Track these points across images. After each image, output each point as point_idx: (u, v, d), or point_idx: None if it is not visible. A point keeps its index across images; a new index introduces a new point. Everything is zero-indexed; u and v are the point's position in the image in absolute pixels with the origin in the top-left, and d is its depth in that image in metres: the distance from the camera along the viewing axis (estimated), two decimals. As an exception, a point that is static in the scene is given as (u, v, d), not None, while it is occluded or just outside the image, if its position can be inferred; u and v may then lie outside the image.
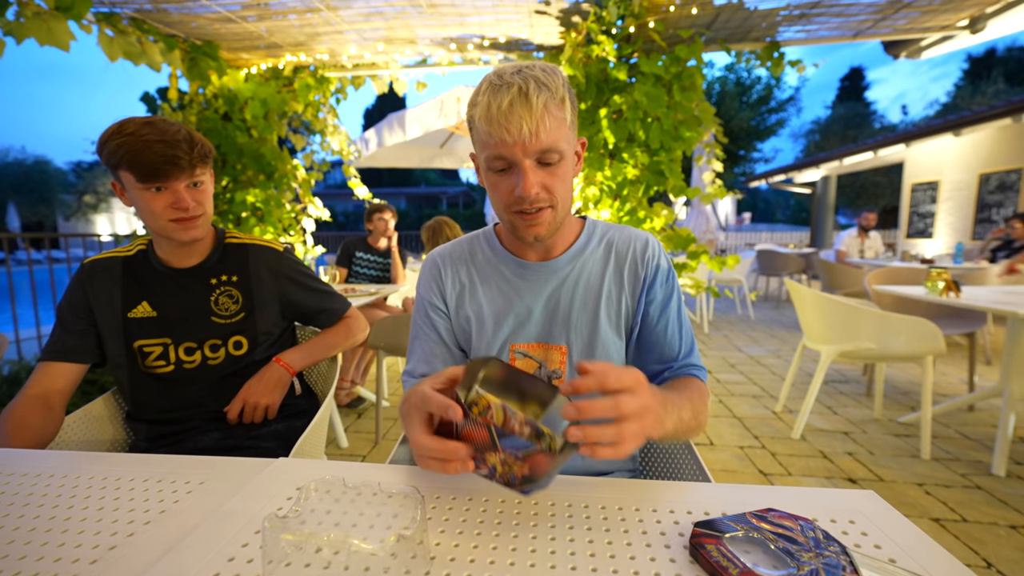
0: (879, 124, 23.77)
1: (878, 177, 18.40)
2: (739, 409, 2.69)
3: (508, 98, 0.63)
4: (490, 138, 0.66)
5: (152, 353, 1.00)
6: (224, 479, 0.61)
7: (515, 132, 0.64)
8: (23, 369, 2.58)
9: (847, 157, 7.98)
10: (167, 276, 1.03)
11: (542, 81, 0.65)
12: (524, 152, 0.66)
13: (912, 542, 0.47)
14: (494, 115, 0.64)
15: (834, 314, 2.21)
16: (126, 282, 1.02)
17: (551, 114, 0.65)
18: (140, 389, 1.01)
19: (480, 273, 0.83)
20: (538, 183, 0.68)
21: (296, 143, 3.77)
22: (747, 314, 5.71)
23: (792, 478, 1.95)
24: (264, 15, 2.67)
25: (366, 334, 1.26)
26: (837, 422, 2.49)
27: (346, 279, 3.22)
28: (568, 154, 0.70)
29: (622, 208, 2.85)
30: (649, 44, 2.82)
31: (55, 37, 2.00)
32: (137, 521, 0.53)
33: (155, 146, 0.88)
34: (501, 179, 0.70)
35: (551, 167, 0.68)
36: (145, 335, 1.00)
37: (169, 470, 0.64)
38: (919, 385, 3.02)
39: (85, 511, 0.55)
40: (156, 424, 1.01)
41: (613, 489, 0.59)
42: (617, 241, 0.82)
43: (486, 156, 0.69)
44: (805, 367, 3.40)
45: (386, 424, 2.53)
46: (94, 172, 26.69)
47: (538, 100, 0.63)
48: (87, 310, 1.00)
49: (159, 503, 0.56)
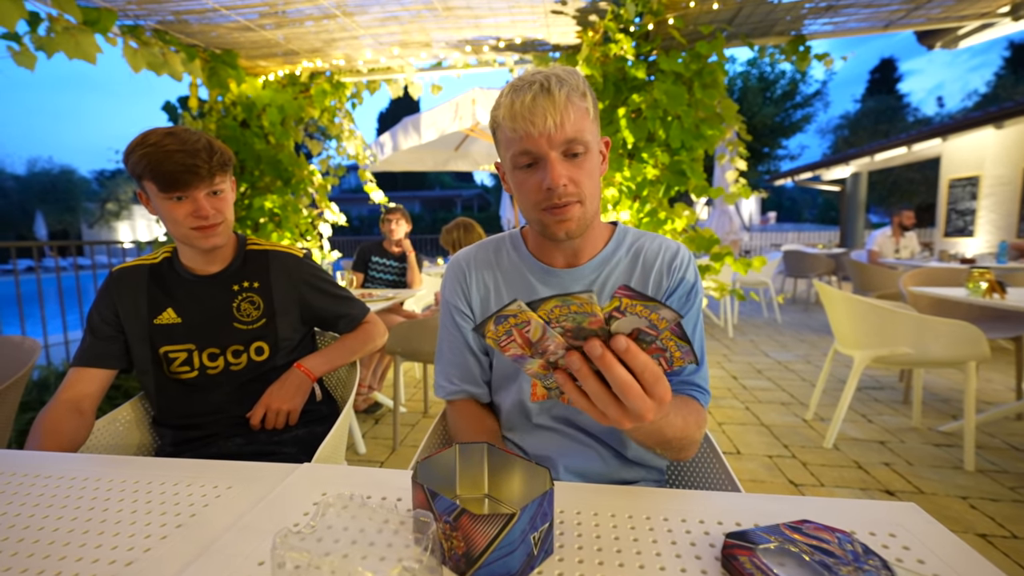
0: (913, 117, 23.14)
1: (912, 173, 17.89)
2: (767, 416, 2.64)
3: (531, 94, 0.66)
4: (515, 133, 0.68)
5: (177, 359, 1.03)
6: (249, 484, 0.63)
7: (540, 124, 0.66)
8: (52, 374, 2.68)
9: (879, 153, 7.77)
10: (191, 283, 1.06)
11: (562, 77, 0.68)
12: (550, 144, 0.67)
13: (959, 558, 0.46)
14: (518, 111, 0.67)
15: (868, 318, 2.16)
16: (152, 289, 1.05)
17: (574, 104, 0.67)
18: (165, 394, 1.05)
19: (505, 277, 0.84)
20: (565, 175, 0.69)
21: (312, 148, 3.84)
22: (774, 318, 5.60)
23: (825, 489, 1.90)
24: (281, 23, 2.74)
25: (385, 339, 1.28)
26: (872, 431, 2.42)
27: (362, 284, 3.27)
28: (593, 147, 0.71)
29: (642, 209, 2.83)
30: (668, 41, 2.80)
31: (83, 50, 2.09)
32: (169, 524, 0.55)
33: (175, 156, 0.92)
34: (528, 176, 0.71)
35: (577, 159, 0.69)
36: (170, 341, 1.03)
37: (196, 475, 0.66)
38: (961, 392, 2.91)
39: (119, 513, 0.57)
40: (181, 429, 1.05)
41: (640, 498, 0.58)
42: (647, 249, 0.81)
43: (512, 153, 0.71)
44: (837, 373, 3.32)
45: (403, 430, 2.55)
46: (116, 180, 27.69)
47: (560, 92, 0.66)
48: (115, 317, 1.04)
49: (189, 507, 0.58)
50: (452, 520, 0.44)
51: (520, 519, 0.43)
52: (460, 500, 0.57)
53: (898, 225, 5.13)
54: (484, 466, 0.58)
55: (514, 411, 0.84)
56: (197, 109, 3.24)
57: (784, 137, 21.38)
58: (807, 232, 15.57)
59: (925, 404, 2.71)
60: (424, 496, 0.47)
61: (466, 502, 0.57)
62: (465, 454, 0.58)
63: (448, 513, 0.45)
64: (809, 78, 20.77)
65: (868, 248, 5.26)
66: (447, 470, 0.57)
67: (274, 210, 3.44)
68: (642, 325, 0.44)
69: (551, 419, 0.82)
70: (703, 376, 0.78)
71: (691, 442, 0.66)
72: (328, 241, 3.89)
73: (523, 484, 0.55)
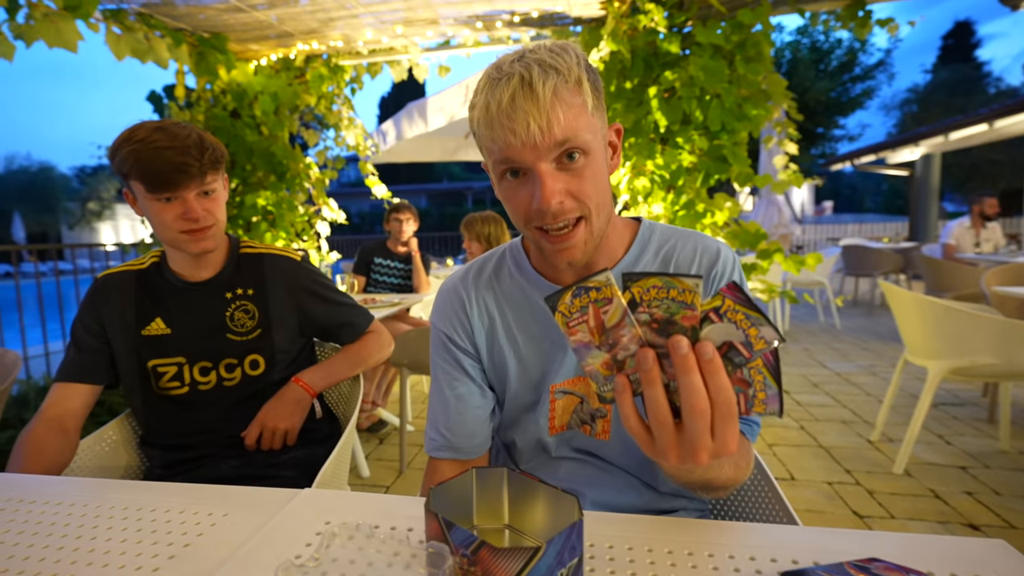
0: (995, 89, 22.50)
1: (994, 154, 17.38)
2: (826, 437, 2.59)
3: (509, 92, 0.59)
4: (493, 143, 0.63)
5: (166, 373, 1.06)
6: (247, 511, 0.65)
7: (522, 131, 0.60)
8: (31, 389, 2.78)
9: (954, 131, 7.56)
10: (181, 290, 1.10)
11: (548, 64, 0.60)
12: (537, 154, 0.61)
13: (1055, 602, 0.45)
14: (494, 115, 0.61)
15: (944, 322, 2.10)
16: (139, 298, 1.09)
17: (563, 101, 0.60)
18: (154, 412, 1.08)
19: (510, 303, 0.80)
20: (561, 190, 0.63)
21: (308, 139, 3.92)
22: (832, 323, 5.49)
23: (896, 522, 1.86)
24: (275, 2, 2.80)
25: (391, 350, 1.30)
26: (951, 454, 2.35)
27: (364, 288, 3.31)
28: (595, 146, 0.64)
29: (677, 201, 2.81)
30: (705, 10, 2.78)
31: (63, 38, 2.17)
32: (161, 555, 0.57)
33: (164, 153, 0.94)
34: (516, 188, 0.65)
35: (574, 166, 0.63)
36: (159, 354, 1.06)
37: (190, 500, 0.68)
38: (1056, 408, 2.82)
39: (108, 543, 0.59)
40: (171, 450, 1.08)
41: (681, 530, 0.58)
42: (679, 251, 0.76)
43: (493, 162, 0.66)
44: (908, 387, 3.23)
45: (411, 451, 2.57)
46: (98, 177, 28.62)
47: (544, 88, 0.59)
48: (100, 328, 1.08)
49: (182, 535, 0.60)
50: (470, 554, 0.45)
51: (546, 553, 0.43)
52: (478, 531, 0.58)
53: (978, 215, 5.01)
54: (504, 493, 0.58)
55: (530, 446, 0.83)
56: (184, 98, 3.33)
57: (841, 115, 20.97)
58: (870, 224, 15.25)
59: (1014, 423, 2.62)
60: (439, 526, 0.48)
61: (485, 533, 0.58)
62: (483, 480, 0.58)
63: (466, 545, 0.45)
64: (870, 47, 20.39)
65: (943, 242, 5.13)
66: (463, 498, 0.58)
67: (268, 208, 3.52)
68: (738, 339, 0.43)
69: (572, 450, 0.82)
70: None
71: (735, 485, 0.65)
72: (326, 241, 3.95)
73: (548, 514, 0.55)
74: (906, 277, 6.36)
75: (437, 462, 0.82)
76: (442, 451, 0.81)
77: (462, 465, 0.81)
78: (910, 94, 23.99)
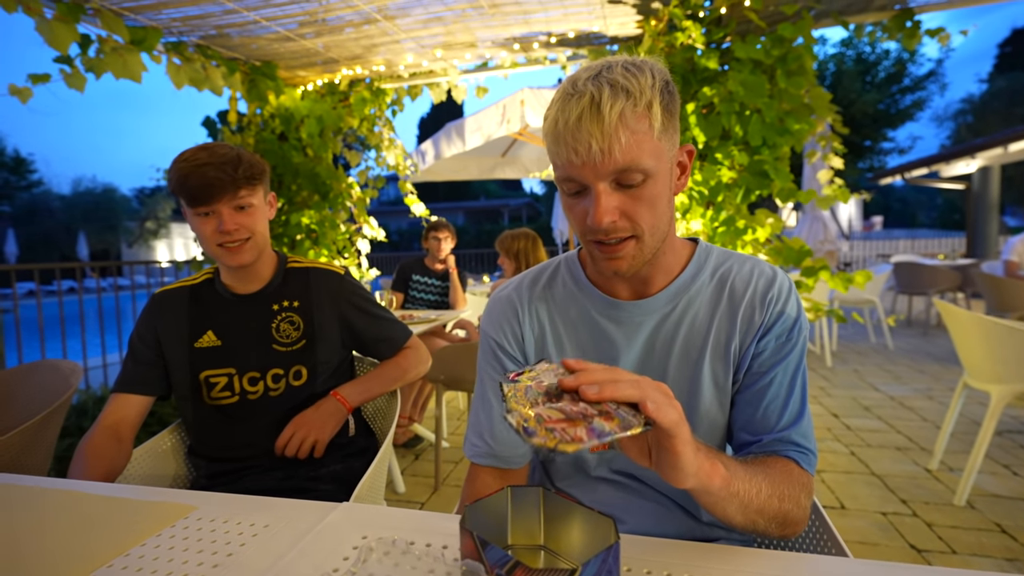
0: (1058, 97, 21.24)
1: (1060, 165, 16.33)
2: (879, 464, 2.45)
3: (577, 111, 0.61)
4: (558, 158, 0.65)
5: (218, 384, 1.11)
6: (287, 524, 0.66)
7: (583, 151, 0.61)
8: (90, 399, 2.93)
9: (1014, 142, 7.16)
10: (231, 303, 1.15)
11: (621, 85, 0.61)
12: (596, 174, 0.63)
13: None
14: (560, 132, 0.63)
15: (1006, 344, 1.98)
16: (192, 312, 1.14)
17: (628, 127, 0.61)
18: (203, 423, 1.12)
19: (562, 313, 0.81)
20: (614, 209, 0.64)
21: (351, 160, 4.05)
22: (884, 343, 5.23)
23: (958, 558, 1.73)
24: (321, 31, 2.94)
25: (428, 366, 1.32)
26: (1019, 486, 2.19)
27: (402, 304, 3.37)
28: (658, 171, 0.65)
29: (716, 217, 2.75)
30: (744, 25, 2.75)
31: (130, 69, 2.34)
32: (206, 564, 0.58)
33: (202, 170, 1.00)
34: (575, 202, 0.68)
35: (633, 189, 0.64)
36: (211, 365, 1.11)
37: (234, 511, 0.70)
38: None
39: (157, 548, 0.62)
40: (216, 461, 1.11)
41: (721, 558, 0.56)
42: (735, 275, 0.76)
43: (557, 176, 0.68)
44: (969, 412, 3.04)
45: (446, 467, 2.58)
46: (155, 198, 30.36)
47: (611, 111, 0.60)
48: (156, 342, 1.13)
49: (226, 545, 0.62)
50: (505, 573, 0.45)
51: (582, 575, 0.43)
52: (512, 551, 0.57)
53: (1044, 230, 4.72)
54: (539, 513, 0.58)
55: (569, 464, 0.83)
56: (236, 123, 3.51)
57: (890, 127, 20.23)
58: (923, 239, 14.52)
59: (1091, 454, 2.42)
60: (474, 544, 0.48)
61: (519, 553, 0.57)
62: (518, 499, 0.58)
63: (501, 565, 0.45)
64: (920, 56, 19.67)
65: (1004, 258, 4.84)
66: (498, 516, 0.57)
67: (311, 226, 3.64)
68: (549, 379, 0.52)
69: (612, 472, 0.80)
70: (803, 432, 0.71)
71: (785, 518, 0.63)
72: (366, 258, 4.05)
73: (584, 536, 0.55)
74: (964, 296, 6.02)
75: (478, 469, 0.82)
76: (484, 458, 0.81)
77: (503, 474, 0.81)
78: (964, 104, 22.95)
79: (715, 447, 0.73)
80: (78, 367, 1.54)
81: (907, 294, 6.20)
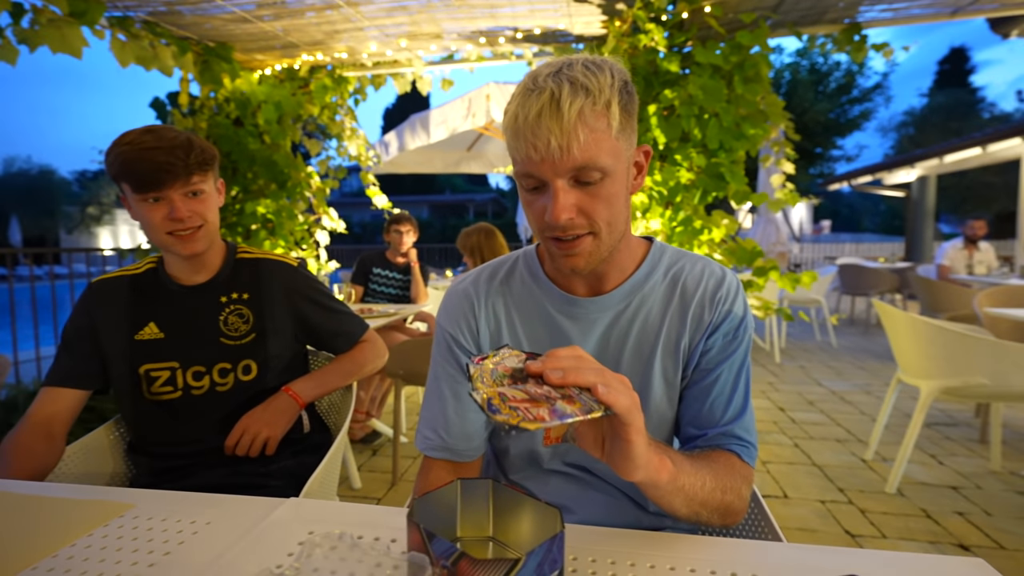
0: (989, 114, 22.81)
1: (989, 177, 17.54)
2: (820, 456, 2.58)
3: (537, 107, 0.61)
4: (517, 153, 0.66)
5: (159, 378, 1.06)
6: (231, 520, 0.64)
7: (542, 148, 0.62)
8: (21, 394, 2.76)
9: (949, 154, 7.64)
10: (176, 294, 1.10)
11: (581, 83, 0.61)
12: (554, 171, 0.63)
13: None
14: (520, 127, 0.63)
15: (936, 343, 2.11)
16: (133, 302, 1.09)
17: (587, 125, 0.61)
18: (144, 418, 1.07)
19: (518, 307, 0.81)
20: (572, 206, 0.65)
21: (311, 149, 3.94)
22: (828, 341, 5.50)
23: (888, 542, 1.84)
24: (281, 14, 2.84)
25: (384, 360, 1.30)
26: (943, 474, 2.35)
27: (362, 298, 3.31)
28: (616, 170, 0.65)
29: (675, 217, 2.82)
30: (705, 31, 2.82)
31: (68, 44, 2.20)
32: (141, 563, 0.56)
33: (150, 154, 0.95)
34: (534, 199, 0.68)
35: (591, 187, 0.65)
36: (152, 358, 1.06)
37: (173, 508, 0.68)
38: (1050, 431, 2.81)
39: (88, 549, 0.59)
40: (160, 457, 1.07)
41: (663, 545, 0.58)
42: (687, 275, 0.78)
43: (516, 171, 0.69)
44: (901, 406, 3.23)
45: (404, 463, 2.55)
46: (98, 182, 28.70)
47: (571, 109, 0.60)
48: (93, 333, 1.07)
49: (163, 543, 0.60)
50: (450, 565, 0.45)
51: (526, 565, 0.43)
52: (461, 543, 0.57)
53: (967, 237, 5.06)
54: (489, 505, 0.58)
55: (522, 456, 0.83)
56: (187, 106, 3.36)
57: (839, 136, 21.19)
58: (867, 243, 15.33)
59: (1006, 444, 2.61)
60: (420, 537, 0.48)
61: (467, 545, 0.57)
62: (468, 491, 0.58)
63: (446, 557, 0.45)
64: (868, 70, 20.67)
65: (938, 262, 5.17)
66: (448, 509, 0.57)
67: (267, 216, 3.53)
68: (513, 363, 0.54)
69: (564, 464, 0.82)
70: (745, 426, 0.73)
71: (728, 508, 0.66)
72: (325, 250, 3.96)
73: (532, 526, 0.55)
74: (902, 297, 6.38)
75: (431, 462, 0.82)
76: (437, 451, 0.81)
77: (456, 467, 0.81)
78: (907, 117, 24.26)
79: (663, 441, 0.75)
80: (6, 360, 1.45)
81: (850, 295, 6.53)
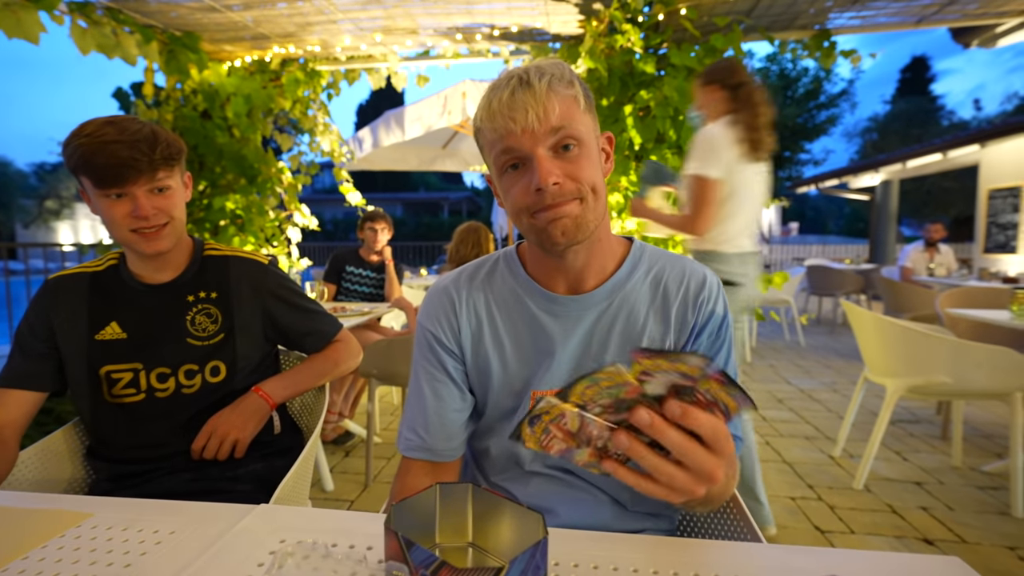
0: (948, 121, 23.75)
1: (947, 182, 18.29)
2: (789, 453, 2.64)
3: (508, 89, 0.66)
4: (494, 133, 0.68)
5: (121, 380, 1.01)
6: (196, 529, 0.61)
7: (521, 119, 0.65)
8: (-29, 396, 2.62)
9: (911, 159, 7.93)
10: (139, 293, 1.05)
11: (543, 68, 0.68)
12: (534, 140, 0.66)
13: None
14: (495, 109, 0.67)
15: (900, 342, 2.18)
16: (93, 300, 1.03)
17: (557, 93, 0.66)
18: (104, 422, 1.02)
19: (500, 306, 0.81)
20: (557, 171, 0.67)
21: (282, 143, 3.86)
22: (796, 340, 5.64)
23: (855, 537, 1.89)
24: (250, 3, 2.76)
25: (359, 360, 1.27)
26: (908, 470, 2.42)
27: (335, 296, 3.25)
28: (589, 142, 0.69)
29: (651, 217, 2.85)
30: (680, 33, 2.86)
31: (24, 29, 2.09)
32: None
33: (111, 147, 0.90)
34: (516, 179, 0.69)
35: (570, 154, 0.68)
36: (113, 359, 1.01)
37: (135, 516, 0.64)
38: (1007, 427, 2.93)
39: (41, 562, 0.55)
40: (120, 462, 1.02)
41: (646, 548, 0.58)
42: (668, 275, 0.79)
43: (495, 154, 0.70)
44: (868, 404, 3.33)
45: (378, 464, 2.51)
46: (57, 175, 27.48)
47: (541, 83, 0.66)
48: (49, 332, 1.02)
49: (124, 555, 0.56)
50: (430, 574, 0.43)
51: (509, 573, 0.42)
52: (440, 550, 0.56)
53: (926, 240, 5.27)
54: (468, 511, 0.57)
55: (503, 457, 0.83)
56: (152, 97, 3.24)
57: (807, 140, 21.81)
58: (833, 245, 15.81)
59: (966, 440, 2.72)
60: (398, 545, 0.46)
61: (447, 552, 0.56)
62: (447, 496, 0.56)
63: (426, 566, 0.44)
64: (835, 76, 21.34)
65: (900, 264, 5.35)
66: (426, 515, 0.56)
67: (236, 211, 3.43)
68: (675, 379, 0.46)
69: (545, 466, 0.81)
70: (735, 423, 0.76)
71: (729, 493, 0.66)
72: (297, 247, 3.88)
73: (513, 532, 0.54)
74: (866, 297, 6.59)
75: (410, 462, 0.81)
76: (416, 452, 0.79)
77: (435, 467, 0.80)
78: (871, 123, 25.11)
79: None
80: (-46, 360, 1.37)
81: (818, 295, 6.72)
